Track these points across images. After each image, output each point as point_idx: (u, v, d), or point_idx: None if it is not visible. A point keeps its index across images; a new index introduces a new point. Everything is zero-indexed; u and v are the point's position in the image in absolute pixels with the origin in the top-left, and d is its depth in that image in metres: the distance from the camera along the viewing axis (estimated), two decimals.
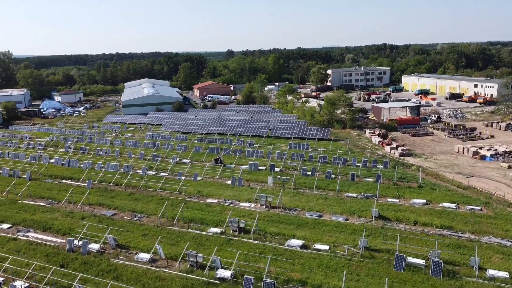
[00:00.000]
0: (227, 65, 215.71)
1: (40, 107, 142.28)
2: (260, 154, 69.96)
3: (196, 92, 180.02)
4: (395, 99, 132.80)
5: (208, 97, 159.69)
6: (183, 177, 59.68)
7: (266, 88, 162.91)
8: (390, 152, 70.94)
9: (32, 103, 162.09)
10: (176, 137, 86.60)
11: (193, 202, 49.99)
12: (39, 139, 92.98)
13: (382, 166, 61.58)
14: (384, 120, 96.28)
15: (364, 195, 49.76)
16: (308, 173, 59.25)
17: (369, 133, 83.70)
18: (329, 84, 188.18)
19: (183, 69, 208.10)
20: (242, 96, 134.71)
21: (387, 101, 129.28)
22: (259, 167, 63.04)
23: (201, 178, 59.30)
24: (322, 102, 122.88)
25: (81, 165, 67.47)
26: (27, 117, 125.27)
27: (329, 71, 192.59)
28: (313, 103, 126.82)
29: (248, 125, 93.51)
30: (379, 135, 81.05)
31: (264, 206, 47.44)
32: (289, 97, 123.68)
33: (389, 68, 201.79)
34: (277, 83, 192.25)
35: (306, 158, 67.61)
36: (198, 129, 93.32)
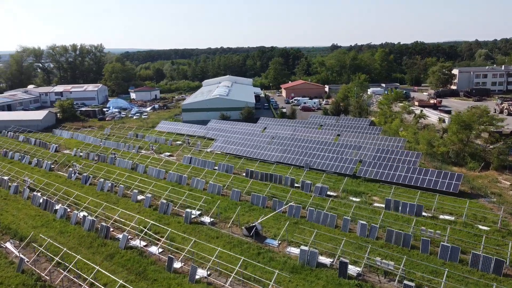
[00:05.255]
0: (323, 61, 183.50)
1: (107, 106, 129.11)
2: (331, 220, 39.92)
3: (284, 93, 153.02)
4: None
5: (295, 100, 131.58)
6: (174, 264, 33.06)
7: (369, 91, 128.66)
8: None
9: (109, 100, 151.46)
10: (218, 165, 60.42)
11: None
12: (66, 151, 75.01)
13: None
14: None
15: None
16: None
17: None
18: (453, 87, 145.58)
19: (273, 65, 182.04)
20: (332, 102, 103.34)
21: None
22: (320, 259, 33.39)
23: (204, 273, 31.88)
24: (446, 117, 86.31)
25: (57, 212, 45.11)
26: (85, 117, 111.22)
27: (454, 71, 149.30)
28: (432, 117, 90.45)
29: (328, 153, 63.29)
30: None
31: None
32: (396, 108, 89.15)
33: None
34: (384, 85, 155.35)
35: (415, 242, 35.79)
36: (255, 153, 65.97)
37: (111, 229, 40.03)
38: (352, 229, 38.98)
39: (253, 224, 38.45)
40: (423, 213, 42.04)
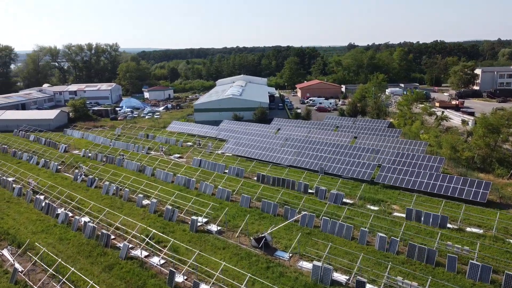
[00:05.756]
0: (340, 60, 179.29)
1: (120, 105, 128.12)
2: (346, 232, 36.91)
3: (299, 93, 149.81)
4: None
5: (310, 100, 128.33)
6: (176, 278, 30.52)
7: (387, 91, 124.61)
8: None
9: (123, 99, 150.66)
10: (229, 169, 57.89)
11: None
12: (75, 152, 73.58)
13: None
14: None
15: None
16: None
17: None
18: (476, 88, 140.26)
19: (289, 64, 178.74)
20: (349, 103, 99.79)
21: None
22: (335, 276, 30.46)
23: None
24: (470, 118, 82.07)
25: (58, 216, 43.21)
26: (97, 117, 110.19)
27: (477, 71, 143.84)
28: (454, 119, 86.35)
29: (344, 156, 60.24)
30: None
31: None
32: (417, 109, 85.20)
33: None
34: (402, 85, 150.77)
35: (440, 258, 32.51)
36: (267, 156, 63.20)
37: (113, 237, 37.89)
38: (370, 242, 35.91)
39: (263, 235, 35.72)
40: (448, 225, 38.66)
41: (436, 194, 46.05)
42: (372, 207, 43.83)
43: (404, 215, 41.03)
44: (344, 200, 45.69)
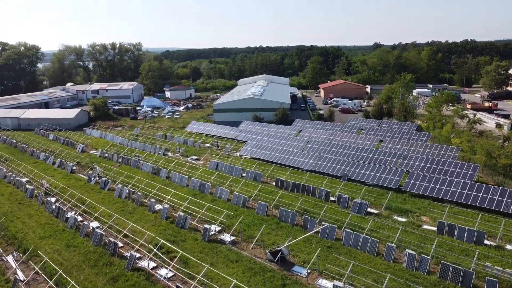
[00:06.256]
0: (365, 60, 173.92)
1: (141, 105, 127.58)
2: (371, 246, 33.69)
3: (322, 93, 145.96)
4: None
5: (333, 100, 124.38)
6: None
7: (414, 92, 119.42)
8: None
9: (144, 98, 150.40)
10: (246, 172, 55.27)
11: None
12: (92, 152, 72.56)
13: None
14: None
15: None
16: None
17: None
18: (510, 89, 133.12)
19: (312, 64, 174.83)
20: (374, 104, 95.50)
21: None
22: None
23: None
24: (505, 122, 76.92)
25: (67, 220, 41.62)
26: (117, 116, 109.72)
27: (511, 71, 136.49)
28: (488, 122, 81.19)
29: (369, 161, 56.72)
30: None
31: None
32: (447, 111, 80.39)
33: None
34: (431, 85, 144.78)
35: (478, 281, 28.98)
36: (287, 159, 60.27)
37: (121, 245, 35.92)
38: (398, 259, 32.60)
39: (279, 248, 32.94)
40: (485, 241, 34.88)
41: (470, 205, 42.14)
42: (399, 219, 40.37)
43: (435, 229, 37.46)
44: (369, 209, 42.40)
